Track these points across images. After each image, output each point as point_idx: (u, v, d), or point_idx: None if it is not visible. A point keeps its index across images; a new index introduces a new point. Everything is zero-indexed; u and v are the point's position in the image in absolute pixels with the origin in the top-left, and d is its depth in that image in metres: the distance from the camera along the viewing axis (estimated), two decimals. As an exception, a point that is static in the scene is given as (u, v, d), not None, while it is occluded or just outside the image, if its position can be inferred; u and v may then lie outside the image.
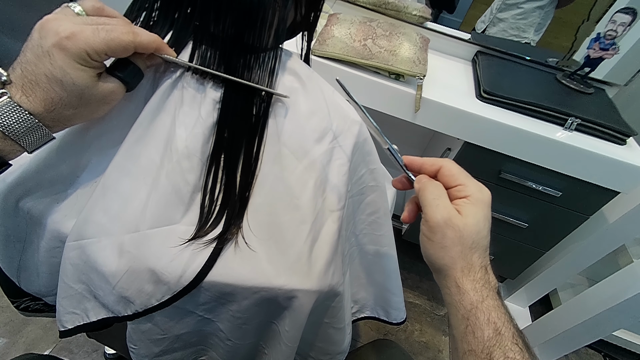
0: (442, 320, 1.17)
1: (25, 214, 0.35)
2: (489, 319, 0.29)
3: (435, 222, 0.31)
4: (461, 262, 0.31)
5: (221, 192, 0.35)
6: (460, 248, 0.31)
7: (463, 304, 0.30)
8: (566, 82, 0.90)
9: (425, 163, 0.36)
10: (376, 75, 0.83)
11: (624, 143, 0.78)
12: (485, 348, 0.28)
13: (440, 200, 0.32)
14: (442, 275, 0.32)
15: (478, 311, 0.29)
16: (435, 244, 0.32)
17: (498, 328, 0.28)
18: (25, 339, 0.87)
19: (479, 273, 0.31)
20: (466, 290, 0.30)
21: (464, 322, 0.30)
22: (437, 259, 0.32)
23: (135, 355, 0.40)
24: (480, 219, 0.31)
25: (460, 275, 0.31)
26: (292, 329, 0.39)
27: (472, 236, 0.31)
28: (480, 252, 0.31)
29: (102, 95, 0.30)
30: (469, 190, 0.32)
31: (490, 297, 0.30)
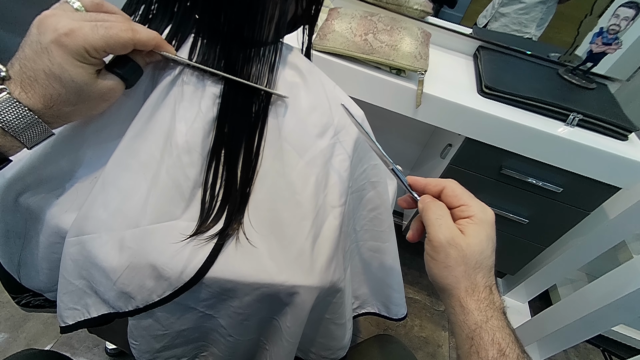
0: (442, 315, 1.17)
1: (25, 210, 0.34)
2: (493, 339, 0.29)
3: (438, 242, 0.31)
4: (465, 281, 0.31)
5: (222, 188, 0.35)
6: (464, 268, 0.31)
7: (467, 324, 0.30)
8: (568, 77, 0.89)
9: (429, 183, 0.36)
10: (377, 71, 0.82)
11: (625, 139, 0.77)
12: None
13: (443, 220, 0.32)
14: (446, 295, 0.32)
15: (482, 331, 0.29)
16: (439, 264, 0.32)
17: (502, 349, 0.28)
18: (26, 334, 0.88)
19: (483, 293, 0.31)
20: (470, 310, 0.30)
21: (468, 341, 0.30)
22: (441, 278, 0.32)
23: (136, 351, 0.40)
24: (483, 238, 0.31)
25: (465, 295, 0.31)
26: (294, 325, 0.39)
27: (475, 256, 0.31)
28: (484, 272, 0.31)
29: (101, 92, 0.30)
30: (472, 210, 0.33)
31: (495, 317, 0.30)
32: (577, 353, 1.17)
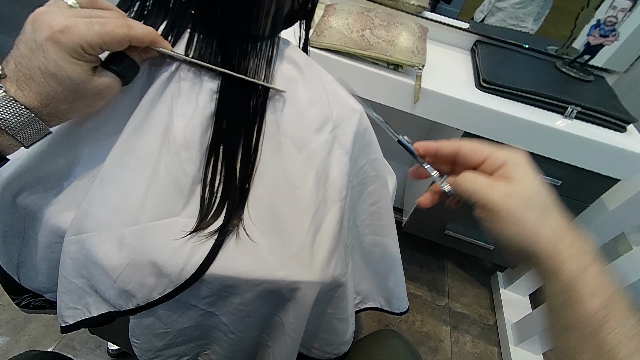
0: (443, 310, 1.18)
1: (23, 210, 0.34)
2: (597, 287, 0.24)
3: (493, 204, 0.27)
4: (544, 229, 0.27)
5: (221, 184, 0.35)
6: (533, 214, 0.27)
7: (563, 275, 0.25)
8: (566, 70, 0.89)
9: (440, 146, 0.33)
10: (374, 67, 0.82)
11: (624, 130, 0.78)
12: (590, 323, 0.23)
13: (483, 182, 0.29)
14: (531, 256, 0.28)
15: (582, 280, 0.25)
16: (506, 225, 0.27)
17: (608, 297, 0.24)
18: (28, 337, 0.87)
19: (567, 238, 0.26)
20: (565, 257, 0.26)
21: (565, 294, 0.25)
22: (516, 238, 0.27)
23: (138, 350, 0.40)
24: (531, 177, 0.28)
25: (552, 242, 0.26)
26: (296, 321, 0.39)
27: (535, 197, 0.27)
28: (554, 212, 0.28)
29: (98, 90, 0.30)
30: (501, 156, 0.29)
31: (594, 262, 0.25)
32: (578, 345, 1.18)
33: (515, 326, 1.10)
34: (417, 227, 1.12)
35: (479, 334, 1.14)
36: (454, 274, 1.30)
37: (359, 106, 0.42)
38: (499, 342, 1.12)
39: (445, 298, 1.22)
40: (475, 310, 1.20)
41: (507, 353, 1.06)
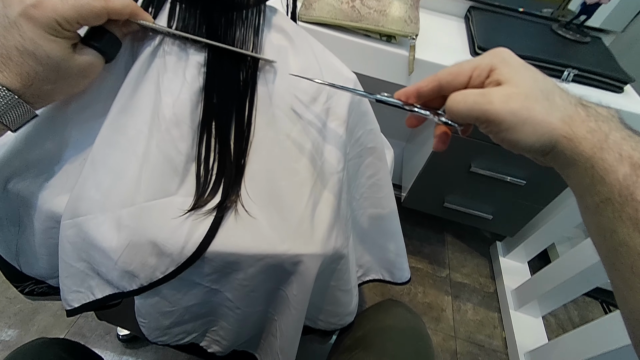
0: (444, 281, 1.20)
1: (16, 196, 0.34)
2: (621, 154, 0.22)
3: (495, 111, 0.25)
4: (554, 116, 0.24)
5: (216, 161, 0.34)
6: (539, 106, 0.25)
7: (583, 155, 0.23)
8: (562, 32, 0.87)
9: (420, 87, 0.30)
10: (367, 39, 0.80)
11: (621, 91, 0.77)
12: (623, 189, 0.22)
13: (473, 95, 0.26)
14: (551, 149, 0.25)
15: (604, 152, 0.23)
16: (516, 130, 0.25)
17: (636, 161, 0.22)
18: (37, 327, 0.89)
19: (581, 113, 0.24)
20: (580, 137, 0.23)
21: (589, 172, 0.23)
22: (532, 136, 0.25)
23: (146, 329, 0.40)
24: (521, 70, 0.26)
25: (567, 128, 0.24)
26: (300, 293, 0.39)
27: (533, 87, 0.25)
28: (559, 93, 0.26)
29: (80, 68, 0.29)
30: (486, 63, 0.27)
31: (614, 129, 0.23)
32: (576, 306, 1.21)
33: (514, 292, 1.13)
34: (417, 202, 1.13)
35: (479, 301, 1.17)
36: (454, 246, 1.32)
37: (352, 75, 0.41)
38: (499, 308, 1.15)
39: (445, 269, 1.24)
40: (476, 280, 1.23)
41: (508, 318, 1.09)
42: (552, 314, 1.15)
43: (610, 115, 0.25)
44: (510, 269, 1.21)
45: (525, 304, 1.07)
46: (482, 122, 0.27)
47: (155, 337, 0.41)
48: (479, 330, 1.09)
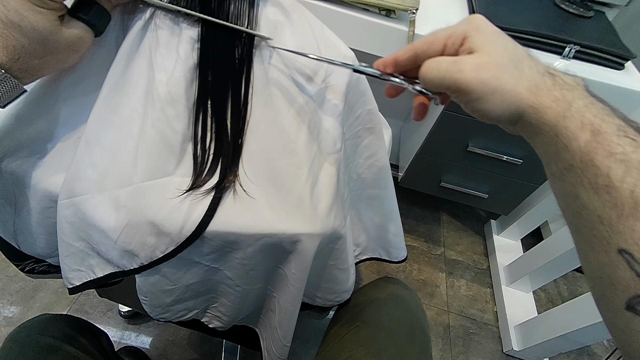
0: (439, 258, 1.23)
1: (11, 176, 0.33)
2: (583, 122, 0.23)
3: (465, 81, 0.25)
4: (521, 86, 0.25)
5: (213, 140, 0.34)
6: (507, 74, 0.25)
7: (548, 124, 0.24)
8: (565, 6, 0.85)
9: (397, 56, 0.30)
10: (365, 13, 0.77)
11: (622, 68, 0.76)
12: (584, 155, 0.22)
13: (446, 63, 0.26)
14: (519, 118, 0.26)
15: (567, 120, 0.23)
16: (486, 99, 0.25)
17: (596, 128, 0.22)
18: (39, 304, 0.90)
19: (547, 82, 0.25)
20: (545, 106, 0.24)
21: (553, 140, 0.24)
22: (501, 105, 0.25)
23: (148, 307, 0.41)
24: (493, 37, 0.26)
25: (533, 98, 0.24)
26: (299, 272, 0.40)
27: (503, 56, 0.25)
28: (527, 62, 0.26)
29: (69, 42, 0.28)
30: (460, 30, 0.27)
31: (578, 97, 0.23)
32: (565, 281, 1.25)
33: (507, 268, 1.16)
34: (413, 182, 1.13)
35: (472, 278, 1.20)
36: (449, 225, 1.34)
37: (350, 53, 0.40)
38: (492, 284, 1.19)
39: (440, 247, 1.26)
40: (470, 257, 1.25)
41: (500, 293, 1.13)
42: (542, 289, 1.19)
43: (576, 83, 0.25)
44: (503, 246, 1.23)
45: (516, 280, 1.10)
46: (453, 90, 0.27)
47: (157, 314, 0.42)
48: (471, 304, 1.13)
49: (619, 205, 0.21)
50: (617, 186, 0.21)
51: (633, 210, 0.20)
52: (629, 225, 0.20)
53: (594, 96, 0.24)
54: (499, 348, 1.04)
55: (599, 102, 0.24)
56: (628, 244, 0.20)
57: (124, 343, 0.88)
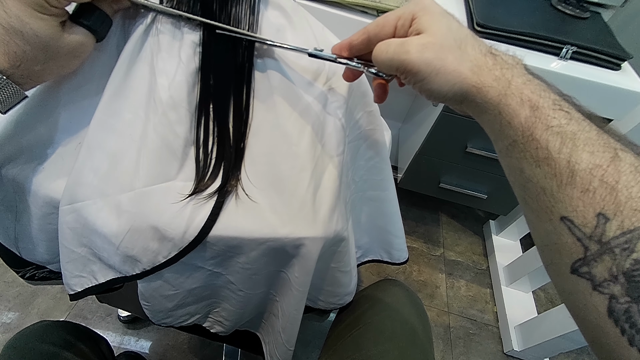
0: (439, 259, 1.23)
1: (11, 182, 0.33)
2: (522, 98, 0.23)
3: (411, 62, 0.26)
4: (464, 66, 0.25)
5: (215, 144, 0.34)
6: (451, 55, 0.25)
7: (491, 102, 0.25)
8: (561, 7, 0.86)
9: (352, 40, 0.30)
10: (363, 15, 0.77)
11: (618, 68, 0.76)
12: (525, 131, 0.23)
13: (394, 45, 0.27)
14: (463, 98, 0.26)
15: (507, 98, 0.24)
16: (431, 77, 0.26)
17: (534, 103, 0.23)
18: (37, 310, 0.89)
19: (489, 62, 0.25)
20: (487, 86, 0.25)
21: (497, 118, 0.25)
22: (445, 86, 0.26)
23: (149, 312, 0.41)
24: (438, 18, 0.26)
25: (475, 78, 0.25)
26: (302, 275, 0.39)
27: (447, 36, 0.26)
28: (471, 43, 0.26)
29: (70, 48, 0.27)
30: (409, 12, 0.27)
31: (516, 75, 0.24)
32: (564, 282, 1.25)
33: (506, 269, 1.16)
34: (413, 183, 1.13)
35: (472, 278, 1.20)
36: (448, 226, 1.34)
37: None
38: (492, 284, 1.19)
39: (440, 248, 1.26)
40: (469, 257, 1.26)
41: (499, 293, 1.13)
42: (541, 289, 1.20)
43: (515, 62, 0.26)
44: (502, 246, 1.24)
45: (516, 280, 1.11)
46: (401, 72, 0.27)
47: (159, 319, 0.42)
48: (471, 305, 1.13)
49: (558, 175, 0.22)
50: (554, 157, 0.22)
51: (570, 179, 0.21)
52: (568, 193, 0.21)
53: (532, 74, 0.25)
54: (500, 348, 1.05)
55: (535, 79, 0.25)
56: (568, 211, 0.21)
57: (124, 348, 0.87)
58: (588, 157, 0.21)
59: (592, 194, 0.21)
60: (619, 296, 0.19)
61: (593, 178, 0.21)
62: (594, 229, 0.20)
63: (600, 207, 0.20)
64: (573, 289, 0.22)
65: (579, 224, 0.21)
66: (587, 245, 0.21)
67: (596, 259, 0.20)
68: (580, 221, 0.21)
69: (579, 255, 0.21)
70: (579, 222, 0.21)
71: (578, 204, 0.21)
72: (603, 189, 0.20)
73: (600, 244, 0.20)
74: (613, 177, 0.20)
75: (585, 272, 0.21)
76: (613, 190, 0.20)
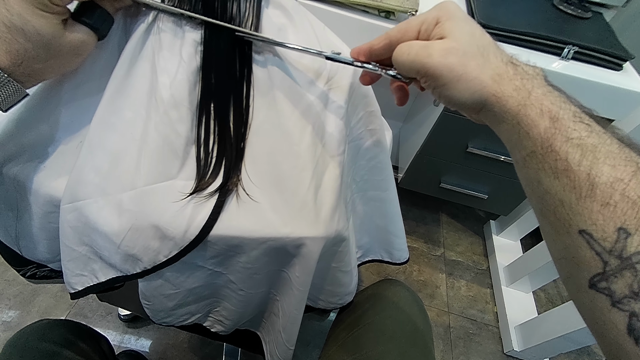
0: (439, 259, 1.23)
1: (12, 180, 0.33)
2: (542, 109, 0.23)
3: (433, 66, 0.26)
4: (486, 74, 0.25)
5: (216, 143, 0.34)
6: (474, 62, 0.25)
7: (510, 112, 0.25)
8: (563, 7, 0.86)
9: (372, 44, 0.30)
10: (364, 15, 0.77)
11: (620, 68, 0.76)
12: (544, 142, 0.23)
13: (417, 47, 0.27)
14: (482, 106, 0.26)
15: (527, 108, 0.24)
16: (452, 86, 0.26)
17: (554, 115, 0.23)
18: (38, 308, 0.90)
19: (510, 71, 0.25)
20: (507, 95, 0.25)
21: (516, 128, 0.24)
22: (465, 92, 0.26)
23: (150, 311, 0.41)
24: (462, 24, 0.26)
25: (496, 87, 0.25)
26: (303, 275, 0.39)
27: (471, 43, 0.26)
28: (493, 51, 0.26)
29: (72, 46, 0.27)
30: (432, 17, 0.27)
31: (537, 86, 0.24)
32: (565, 282, 1.25)
33: (506, 269, 1.16)
34: (413, 183, 1.13)
35: (472, 278, 1.20)
36: (449, 226, 1.34)
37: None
38: (492, 284, 1.19)
39: (440, 248, 1.26)
40: (469, 258, 1.26)
41: (500, 293, 1.13)
42: (542, 289, 1.19)
43: (535, 73, 0.26)
44: (503, 246, 1.24)
45: (516, 280, 1.11)
46: (422, 75, 0.27)
47: (160, 318, 0.42)
48: (471, 305, 1.13)
49: (577, 188, 0.21)
50: (574, 170, 0.22)
51: (589, 192, 0.21)
52: (587, 206, 0.21)
53: (552, 85, 0.25)
54: (500, 349, 1.05)
55: (555, 91, 0.25)
56: (587, 224, 0.21)
57: (124, 347, 0.87)
58: (609, 171, 0.21)
59: (613, 207, 0.20)
60: (639, 314, 0.19)
61: (614, 192, 0.20)
62: (614, 243, 0.20)
63: (622, 222, 0.20)
64: (591, 304, 0.21)
65: (598, 238, 0.21)
66: (606, 260, 0.20)
67: (616, 275, 0.20)
68: (599, 235, 0.20)
69: (597, 270, 0.21)
70: (599, 236, 0.20)
71: (598, 217, 0.21)
72: (624, 203, 0.20)
73: (621, 259, 0.20)
74: (635, 192, 0.20)
75: (604, 288, 0.20)
76: (635, 204, 0.20)
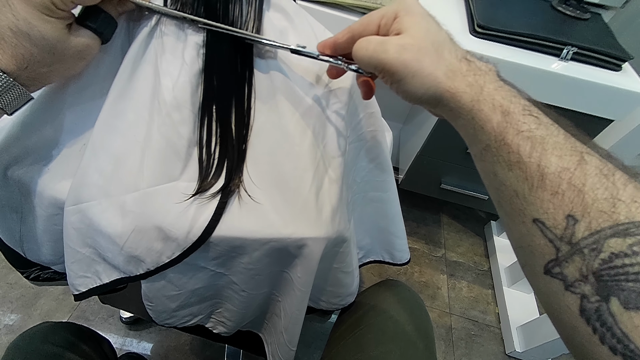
0: (440, 260, 1.23)
1: (16, 183, 0.33)
2: (494, 104, 0.24)
3: (388, 62, 0.26)
4: (440, 70, 0.26)
5: (218, 144, 0.34)
6: (429, 58, 0.26)
7: (464, 108, 0.25)
8: (562, 8, 0.86)
9: (337, 39, 0.31)
10: (364, 17, 0.78)
11: (619, 69, 0.76)
12: (497, 136, 0.24)
13: (374, 43, 0.27)
14: (438, 101, 0.27)
15: (480, 103, 0.24)
16: (407, 79, 0.26)
17: (505, 109, 0.24)
18: (40, 311, 0.90)
19: (463, 67, 0.26)
20: (460, 91, 0.25)
21: (471, 123, 0.25)
22: (421, 89, 0.26)
23: (153, 312, 0.41)
24: (419, 19, 0.27)
25: (450, 83, 0.25)
26: (304, 275, 0.40)
27: (426, 39, 0.26)
28: (448, 47, 0.27)
29: (76, 50, 0.28)
30: (392, 12, 0.27)
31: (489, 81, 0.25)
32: (566, 283, 1.25)
33: (508, 270, 1.16)
34: (413, 184, 1.13)
35: (474, 279, 1.20)
36: (450, 227, 1.34)
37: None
38: (493, 285, 1.19)
39: (441, 249, 1.26)
40: (471, 258, 1.26)
41: (501, 294, 1.13)
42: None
43: (488, 69, 0.26)
44: (504, 247, 1.24)
45: (517, 281, 1.11)
46: (379, 70, 0.27)
47: (162, 319, 0.42)
48: (473, 306, 1.13)
49: (529, 179, 0.22)
50: (525, 161, 0.22)
51: (540, 182, 0.22)
52: (539, 196, 0.22)
53: (503, 80, 0.26)
54: (501, 349, 1.04)
55: (507, 85, 0.25)
56: (539, 213, 0.22)
57: (126, 349, 0.87)
58: (556, 161, 0.22)
59: (561, 196, 0.21)
60: (589, 295, 0.20)
61: (562, 181, 0.21)
62: (564, 230, 0.21)
63: (569, 209, 0.21)
64: (547, 289, 0.22)
65: (550, 225, 0.21)
66: (558, 247, 0.21)
67: (567, 260, 0.21)
68: (551, 223, 0.21)
69: (551, 256, 0.22)
70: (550, 224, 0.21)
71: (549, 206, 0.21)
72: (571, 192, 0.21)
73: (571, 245, 0.21)
74: (580, 180, 0.21)
75: (557, 273, 0.21)
76: (580, 192, 0.21)
